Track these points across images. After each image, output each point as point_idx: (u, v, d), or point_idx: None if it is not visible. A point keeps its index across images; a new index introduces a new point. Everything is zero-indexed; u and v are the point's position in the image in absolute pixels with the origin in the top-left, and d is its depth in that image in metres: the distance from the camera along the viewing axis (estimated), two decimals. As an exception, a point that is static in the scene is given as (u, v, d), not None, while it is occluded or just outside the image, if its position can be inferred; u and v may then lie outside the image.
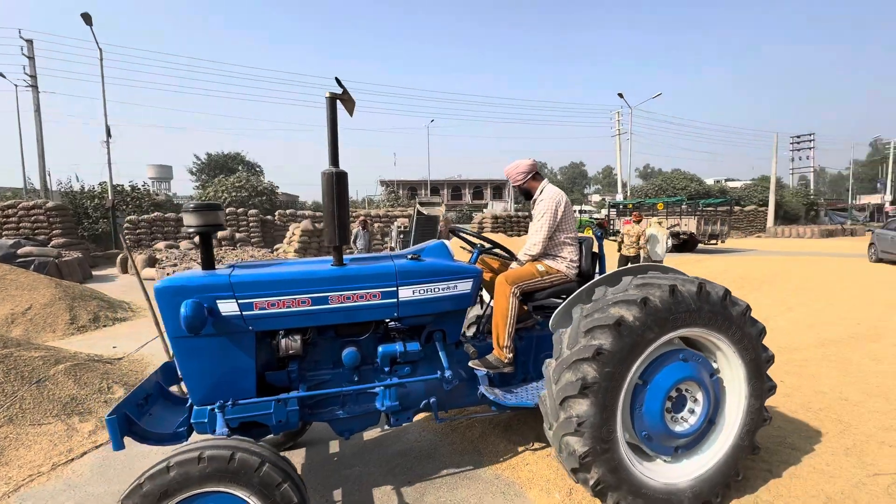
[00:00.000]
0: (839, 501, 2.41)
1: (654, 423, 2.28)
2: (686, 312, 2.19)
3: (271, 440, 2.89)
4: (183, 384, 2.35)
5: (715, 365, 2.44)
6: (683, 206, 19.87)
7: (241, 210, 19.21)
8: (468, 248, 3.04)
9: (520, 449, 3.04)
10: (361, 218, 11.23)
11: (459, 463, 2.90)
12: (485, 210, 33.71)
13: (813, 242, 24.44)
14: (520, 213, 22.76)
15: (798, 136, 44.93)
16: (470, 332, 3.13)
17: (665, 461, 2.41)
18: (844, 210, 44.72)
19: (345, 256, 2.49)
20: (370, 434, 3.29)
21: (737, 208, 33.37)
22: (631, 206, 21.59)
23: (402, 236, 14.43)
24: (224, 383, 2.21)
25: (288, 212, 20.70)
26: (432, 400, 2.61)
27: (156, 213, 18.73)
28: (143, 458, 2.83)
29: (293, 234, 18.38)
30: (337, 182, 2.16)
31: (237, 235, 17.94)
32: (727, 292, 2.31)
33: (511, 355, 2.66)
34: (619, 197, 30.57)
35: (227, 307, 2.13)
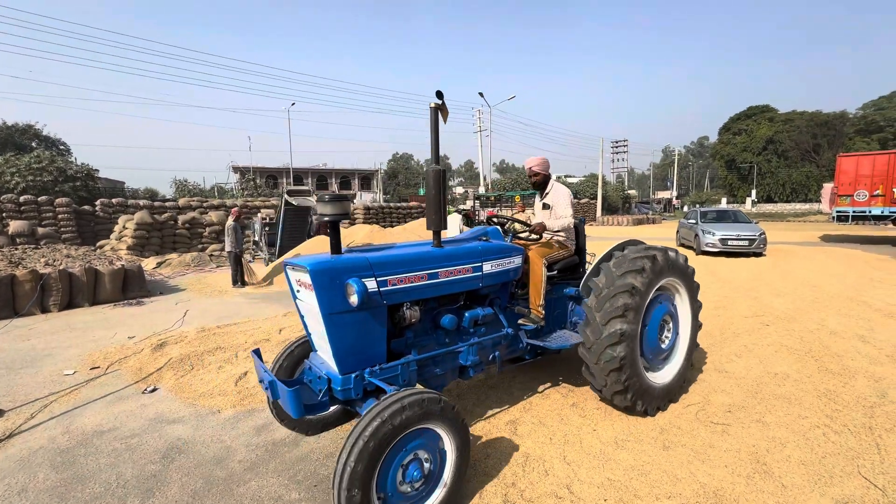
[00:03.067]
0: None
1: (653, 342, 3.39)
2: (669, 268, 3.38)
3: (321, 419, 3.19)
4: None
5: (675, 301, 3.68)
6: (531, 199, 22.43)
7: (43, 199, 15.13)
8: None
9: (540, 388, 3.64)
10: (235, 210, 9.91)
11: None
12: (355, 201, 32.91)
13: (629, 229, 30.00)
14: (391, 205, 22.83)
15: (616, 142, 54.40)
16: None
17: (657, 370, 3.50)
18: (648, 203, 55.85)
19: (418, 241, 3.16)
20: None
21: (575, 200, 38.92)
22: (493, 198, 23.53)
23: (267, 229, 13.23)
24: (365, 352, 2.53)
25: (115, 201, 17.05)
26: (496, 353, 3.19)
27: None
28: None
29: (124, 227, 15.34)
30: (441, 178, 2.62)
31: (39, 230, 14.18)
32: (685, 257, 3.58)
33: (544, 312, 3.36)
34: (482, 190, 32.96)
35: (370, 285, 2.44)
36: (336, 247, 2.51)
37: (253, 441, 3.12)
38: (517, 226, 3.73)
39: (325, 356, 2.67)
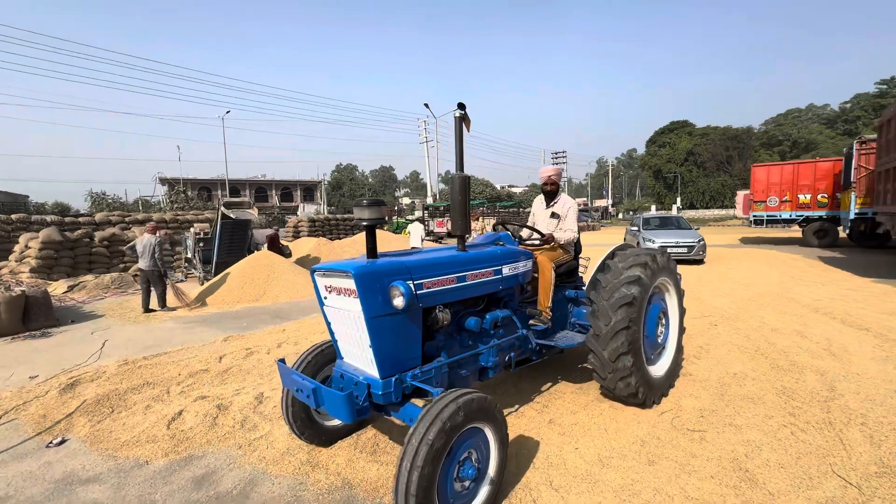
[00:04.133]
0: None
1: (652, 336, 3.63)
2: (662, 268, 3.65)
3: (337, 429, 3.18)
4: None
5: (666, 299, 3.97)
6: (484, 209, 22.66)
7: (-80, 215, 12.87)
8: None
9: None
10: (151, 225, 8.83)
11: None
12: (298, 213, 31.53)
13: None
14: (338, 217, 22.05)
15: (555, 153, 56.85)
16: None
17: (653, 363, 3.72)
18: (587, 211, 58.83)
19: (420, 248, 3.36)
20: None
21: (530, 210, 40.07)
22: (442, 208, 23.47)
23: (201, 244, 12.13)
24: (404, 355, 2.55)
25: (14, 217, 14.93)
26: (511, 354, 3.31)
27: None
28: None
29: (26, 246, 13.46)
30: (465, 184, 2.72)
31: (-85, 253, 12.00)
32: (672, 256, 3.86)
33: (551, 314, 3.53)
34: (430, 200, 32.91)
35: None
36: (372, 251, 2.54)
37: (192, 497, 2.63)
38: (525, 232, 3.97)
39: (356, 362, 2.66)
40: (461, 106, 2.79)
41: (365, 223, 2.43)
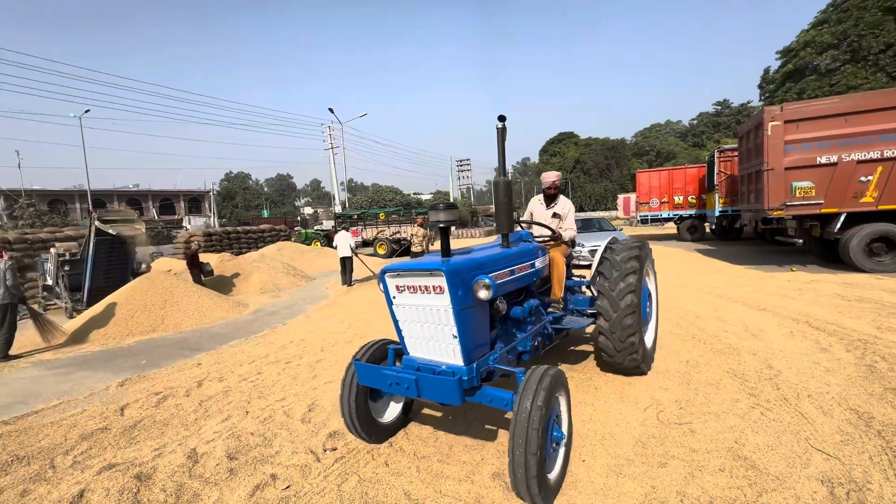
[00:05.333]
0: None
1: (643, 313, 3.99)
2: (646, 256, 4.15)
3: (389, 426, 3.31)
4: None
5: (648, 282, 4.48)
6: (395, 216, 22.23)
7: None
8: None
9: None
10: None
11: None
12: (186, 226, 27.89)
13: (486, 240, 32.23)
14: (239, 229, 19.90)
15: (460, 160, 58.76)
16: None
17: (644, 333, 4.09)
18: (492, 216, 61.72)
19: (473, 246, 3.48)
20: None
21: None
22: (356, 216, 22.56)
23: (67, 268, 9.90)
24: (481, 343, 2.84)
25: None
26: (539, 339, 3.60)
27: None
28: None
29: None
30: (508, 188, 3.06)
31: None
32: (649, 246, 4.30)
33: (563, 302, 4.10)
34: (339, 209, 31.50)
35: None
36: (447, 250, 2.76)
37: None
38: (536, 230, 4.38)
39: (432, 355, 2.82)
40: (501, 118, 3.12)
41: (441, 224, 2.67)
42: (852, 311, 5.97)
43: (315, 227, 28.14)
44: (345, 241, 11.86)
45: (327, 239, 23.78)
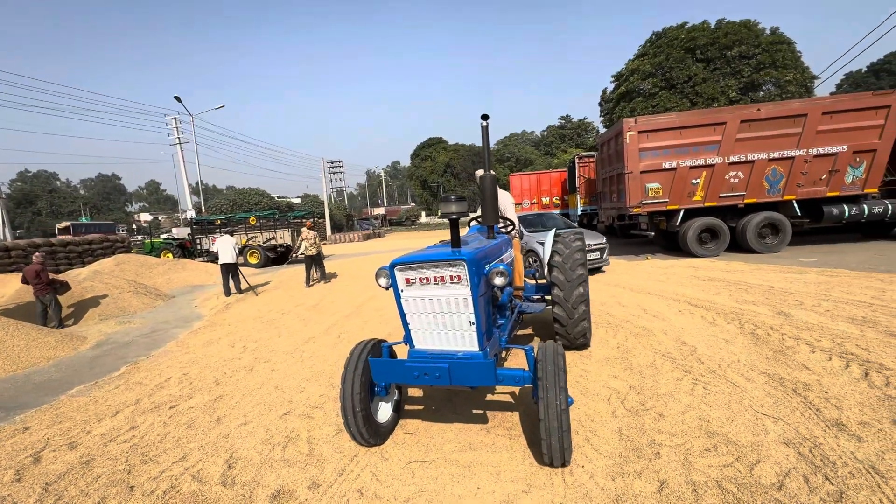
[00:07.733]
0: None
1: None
2: (583, 243, 4.66)
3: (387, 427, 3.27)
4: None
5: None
6: (269, 220, 19.94)
7: None
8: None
9: None
10: None
11: None
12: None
13: (365, 244, 31.18)
14: (54, 241, 15.49)
15: (331, 162, 56.10)
16: None
17: None
18: (367, 219, 60.39)
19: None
20: None
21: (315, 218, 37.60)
22: (220, 221, 19.61)
23: None
24: (489, 326, 2.99)
25: None
26: (511, 324, 3.76)
27: None
28: None
29: None
30: (494, 182, 3.30)
31: None
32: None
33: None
34: (192, 213, 27.11)
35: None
36: (456, 241, 2.80)
37: None
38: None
39: (443, 344, 2.88)
40: (484, 117, 3.28)
41: (453, 216, 2.72)
42: (711, 289, 7.15)
43: (163, 236, 23.71)
44: (228, 245, 10.30)
45: (182, 249, 20.24)
